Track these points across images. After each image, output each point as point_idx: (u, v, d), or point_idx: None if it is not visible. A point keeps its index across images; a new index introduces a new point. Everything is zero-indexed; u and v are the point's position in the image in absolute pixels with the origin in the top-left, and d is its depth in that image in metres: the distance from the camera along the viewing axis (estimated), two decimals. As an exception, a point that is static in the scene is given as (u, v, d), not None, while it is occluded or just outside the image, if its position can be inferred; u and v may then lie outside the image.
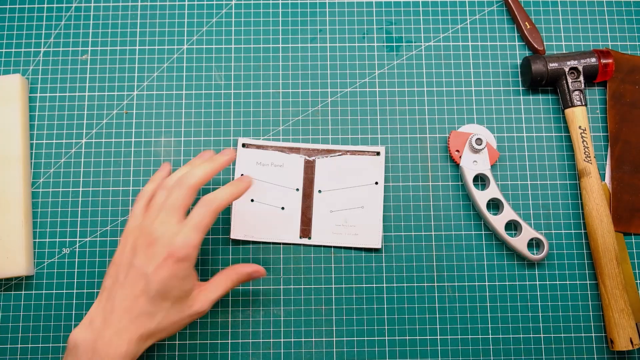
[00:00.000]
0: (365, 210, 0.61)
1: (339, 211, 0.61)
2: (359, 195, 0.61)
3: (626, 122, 0.63)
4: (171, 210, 0.50)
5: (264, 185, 0.62)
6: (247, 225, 0.61)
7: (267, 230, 0.61)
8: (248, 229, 0.61)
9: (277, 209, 0.61)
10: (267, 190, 0.62)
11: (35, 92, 0.65)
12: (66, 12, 0.67)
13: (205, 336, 0.59)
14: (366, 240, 0.61)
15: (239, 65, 0.66)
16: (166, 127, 0.64)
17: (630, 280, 0.60)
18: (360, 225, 0.61)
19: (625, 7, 0.67)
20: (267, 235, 0.61)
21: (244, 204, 0.61)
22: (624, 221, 0.61)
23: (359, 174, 0.62)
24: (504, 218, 0.60)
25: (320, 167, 0.62)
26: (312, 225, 0.61)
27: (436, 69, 0.65)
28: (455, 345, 0.59)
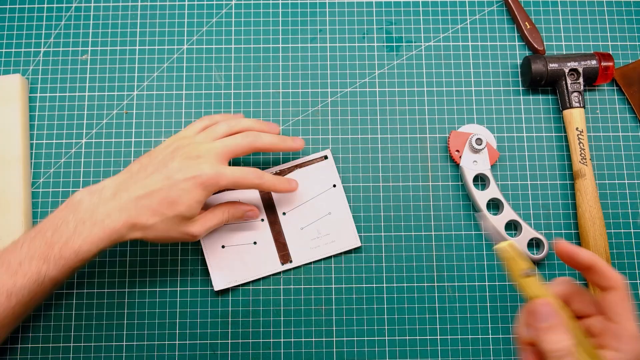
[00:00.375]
0: (333, 215, 0.61)
1: (309, 225, 0.61)
2: (322, 203, 0.61)
3: None
4: (222, 148, 0.54)
5: (229, 227, 0.60)
6: (226, 272, 0.60)
7: (248, 270, 0.60)
8: (229, 276, 0.60)
9: (250, 246, 0.60)
10: (233, 231, 0.60)
11: (35, 92, 0.65)
12: (66, 12, 0.67)
13: (205, 336, 0.59)
14: (344, 244, 0.60)
15: (239, 65, 0.66)
16: (166, 127, 0.64)
17: None
18: (334, 232, 0.60)
19: (626, 7, 0.67)
20: (248, 274, 0.60)
21: (217, 252, 0.60)
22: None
23: (315, 182, 0.61)
24: (504, 218, 0.60)
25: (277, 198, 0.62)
26: (289, 249, 0.60)
27: (436, 69, 0.65)
28: (455, 345, 0.59)
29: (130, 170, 0.54)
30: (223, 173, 0.53)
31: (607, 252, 0.59)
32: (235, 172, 0.54)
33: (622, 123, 0.64)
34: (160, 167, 0.53)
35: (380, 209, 0.62)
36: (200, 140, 0.55)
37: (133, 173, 0.53)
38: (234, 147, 0.55)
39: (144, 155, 0.56)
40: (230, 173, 0.53)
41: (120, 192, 0.52)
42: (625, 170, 0.63)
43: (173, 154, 0.54)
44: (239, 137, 0.55)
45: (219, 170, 0.53)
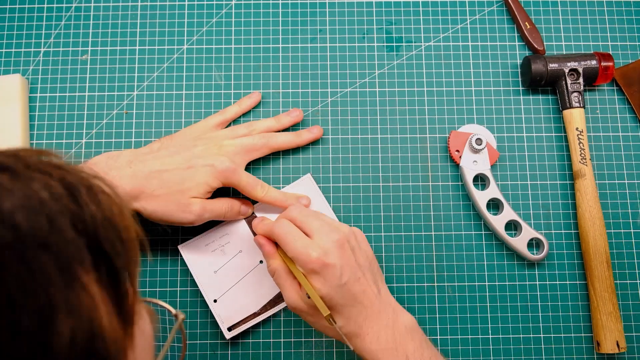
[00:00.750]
0: None
1: None
2: None
3: None
4: (241, 147, 0.58)
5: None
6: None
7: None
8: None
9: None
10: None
11: (35, 92, 0.65)
12: (66, 12, 0.67)
13: (205, 336, 0.59)
14: None
15: (239, 65, 0.66)
16: (166, 127, 0.64)
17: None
18: None
19: (626, 7, 0.67)
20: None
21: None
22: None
23: None
24: (504, 218, 0.60)
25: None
26: None
27: (436, 69, 0.65)
28: (455, 345, 0.59)
29: (151, 147, 0.57)
30: (238, 172, 0.56)
31: (607, 252, 0.59)
32: (248, 178, 0.57)
33: (622, 123, 0.64)
34: (181, 150, 0.56)
35: (380, 209, 0.62)
36: (221, 136, 0.59)
37: (153, 150, 0.57)
38: (250, 147, 0.58)
39: (166, 137, 0.59)
40: (244, 175, 0.57)
41: (136, 162, 0.54)
42: (625, 170, 0.63)
43: (195, 141, 0.57)
44: (256, 138, 0.59)
45: (235, 168, 0.56)
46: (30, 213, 0.23)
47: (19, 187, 0.23)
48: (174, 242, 0.61)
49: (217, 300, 0.58)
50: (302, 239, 0.49)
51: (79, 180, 0.26)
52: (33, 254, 0.22)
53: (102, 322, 0.24)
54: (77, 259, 0.23)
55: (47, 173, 0.25)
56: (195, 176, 0.54)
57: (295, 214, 0.52)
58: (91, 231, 0.25)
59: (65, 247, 0.23)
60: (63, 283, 0.22)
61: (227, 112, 0.62)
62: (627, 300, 0.60)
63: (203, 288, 0.58)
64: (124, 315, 0.26)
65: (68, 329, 0.22)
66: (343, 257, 0.49)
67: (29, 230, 0.22)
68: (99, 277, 0.24)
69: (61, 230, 0.23)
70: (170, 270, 0.61)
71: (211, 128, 0.60)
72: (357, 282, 0.49)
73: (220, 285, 0.58)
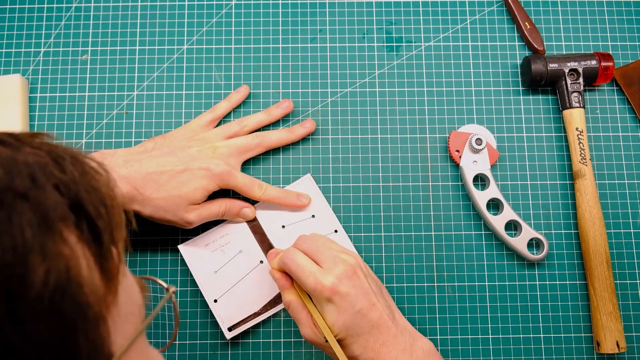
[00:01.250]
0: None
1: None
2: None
3: None
4: (235, 148, 0.58)
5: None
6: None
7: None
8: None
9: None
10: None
11: (35, 92, 0.65)
12: (66, 12, 0.67)
13: (205, 336, 0.59)
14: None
15: (239, 65, 0.66)
16: (166, 127, 0.64)
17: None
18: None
19: (626, 7, 0.67)
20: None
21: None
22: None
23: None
24: (504, 218, 0.60)
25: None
26: None
27: (436, 69, 0.65)
28: (455, 345, 0.59)
29: (145, 146, 0.57)
30: (234, 174, 0.57)
31: (607, 252, 0.59)
32: (244, 179, 0.58)
33: (622, 123, 0.64)
34: (176, 150, 0.56)
35: (380, 209, 0.62)
36: (213, 136, 0.59)
37: (147, 149, 0.57)
38: (245, 147, 0.59)
39: (159, 136, 0.59)
40: (240, 177, 0.57)
41: (132, 162, 0.54)
42: (625, 170, 0.63)
43: (189, 142, 0.57)
44: (249, 138, 0.59)
45: (230, 170, 0.56)
46: (13, 170, 0.25)
47: (6, 153, 0.26)
48: (174, 242, 0.61)
49: (218, 300, 0.58)
50: (314, 270, 0.49)
51: (66, 153, 0.29)
52: (12, 201, 0.24)
53: (81, 271, 0.26)
54: (57, 214, 0.26)
55: (37, 147, 0.28)
56: (191, 180, 0.55)
57: (306, 246, 0.51)
58: (73, 194, 0.27)
59: (44, 201, 0.25)
60: (39, 229, 0.25)
61: (217, 109, 0.62)
62: (627, 300, 0.60)
63: (203, 288, 0.58)
64: (106, 272, 0.28)
65: (42, 269, 0.24)
66: (356, 285, 0.48)
67: (8, 183, 0.25)
68: (80, 234, 0.27)
69: (42, 188, 0.26)
70: (170, 270, 0.61)
71: (203, 127, 0.60)
72: (372, 308, 0.48)
73: (221, 285, 0.58)
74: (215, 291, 0.58)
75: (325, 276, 0.48)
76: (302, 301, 0.51)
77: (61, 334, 0.25)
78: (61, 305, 0.25)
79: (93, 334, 0.26)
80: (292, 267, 0.50)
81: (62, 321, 0.25)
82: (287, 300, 0.52)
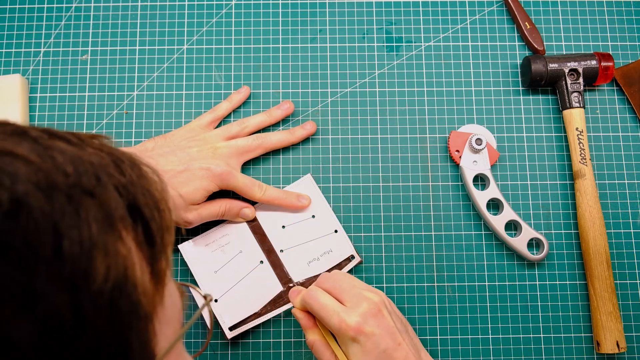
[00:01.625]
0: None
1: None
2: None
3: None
4: (236, 149, 0.59)
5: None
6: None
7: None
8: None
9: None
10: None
11: (35, 92, 0.65)
12: (66, 12, 0.67)
13: (206, 336, 0.59)
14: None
15: (239, 65, 0.66)
16: (166, 127, 0.64)
17: None
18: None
19: (626, 7, 0.67)
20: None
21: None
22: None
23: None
24: (504, 218, 0.60)
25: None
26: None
27: (436, 69, 0.65)
28: (455, 345, 0.59)
29: (145, 146, 0.57)
30: (234, 175, 0.57)
31: (607, 252, 0.59)
32: (244, 180, 0.58)
33: (622, 123, 0.64)
34: (177, 150, 0.56)
35: (380, 209, 0.62)
36: (214, 137, 0.59)
37: (147, 149, 0.57)
38: (245, 148, 0.59)
39: (159, 136, 0.59)
40: (240, 178, 0.57)
41: None
42: (625, 170, 0.63)
43: (189, 142, 0.57)
44: (250, 139, 0.60)
45: (231, 171, 0.57)
46: (80, 167, 0.26)
47: (72, 150, 0.27)
48: (174, 242, 0.61)
49: (218, 300, 0.58)
50: (338, 309, 0.48)
51: (124, 155, 0.30)
52: (80, 197, 0.25)
53: (135, 272, 0.27)
54: (118, 214, 0.27)
55: (97, 148, 0.29)
56: (191, 181, 0.55)
57: (328, 285, 0.50)
58: (131, 196, 0.28)
59: (108, 200, 0.26)
60: (103, 227, 0.25)
61: (218, 109, 0.62)
62: (627, 300, 0.60)
63: (203, 288, 0.58)
64: (156, 274, 0.29)
65: (104, 265, 0.25)
66: (381, 324, 0.47)
67: (78, 178, 0.26)
68: (135, 236, 0.28)
69: (105, 187, 0.27)
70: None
71: (204, 127, 0.60)
72: (397, 348, 0.47)
73: (221, 285, 0.58)
74: (216, 291, 0.58)
75: (349, 315, 0.47)
76: (325, 341, 0.50)
77: (117, 329, 0.26)
78: (119, 301, 0.25)
79: (143, 333, 0.27)
80: (315, 307, 0.49)
81: (119, 317, 0.26)
82: (310, 340, 0.51)
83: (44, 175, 0.24)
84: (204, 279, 0.59)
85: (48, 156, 0.25)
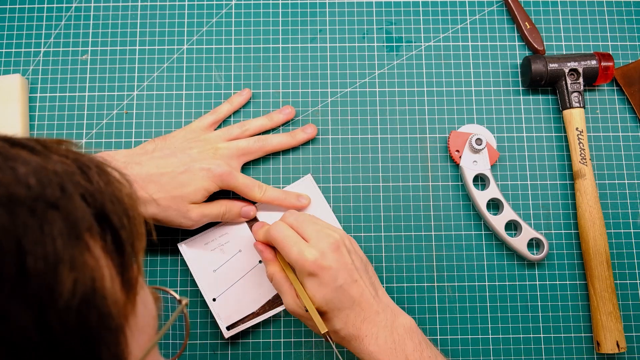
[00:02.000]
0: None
1: None
2: None
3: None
4: (237, 150, 0.59)
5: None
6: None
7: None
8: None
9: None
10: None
11: (35, 92, 0.65)
12: (66, 12, 0.67)
13: (205, 336, 0.59)
14: None
15: (239, 65, 0.66)
16: (166, 127, 0.64)
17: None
18: None
19: (626, 7, 0.67)
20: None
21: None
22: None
23: None
24: (504, 218, 0.60)
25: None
26: None
27: (436, 69, 0.65)
28: (455, 345, 0.59)
29: (145, 148, 0.57)
30: (234, 175, 0.57)
31: (607, 252, 0.59)
32: (245, 180, 0.58)
33: (622, 123, 0.64)
34: (177, 152, 0.56)
35: (380, 209, 0.62)
36: (215, 138, 0.59)
37: (148, 151, 0.57)
38: (246, 150, 0.59)
39: (159, 137, 0.59)
40: (240, 178, 0.58)
41: (131, 165, 0.54)
42: (625, 170, 0.63)
43: (190, 143, 0.58)
44: (251, 141, 0.60)
45: (231, 171, 0.57)
46: (43, 178, 0.25)
47: (35, 160, 0.26)
48: (173, 242, 0.61)
49: (216, 299, 0.58)
50: (299, 243, 0.50)
51: (91, 162, 0.29)
52: (43, 210, 0.24)
53: (105, 283, 0.26)
54: (84, 224, 0.26)
55: (64, 155, 0.28)
56: (192, 181, 0.55)
57: (291, 219, 0.52)
58: (99, 204, 0.27)
59: (73, 211, 0.25)
60: (69, 240, 0.25)
61: (219, 111, 0.62)
62: (627, 300, 0.60)
63: (202, 286, 0.58)
64: (127, 283, 0.28)
65: (70, 280, 0.24)
66: (339, 260, 0.49)
67: (41, 190, 0.25)
68: (104, 245, 0.27)
69: (71, 197, 0.26)
70: (170, 270, 0.61)
71: (204, 129, 0.61)
72: (354, 284, 0.49)
73: (220, 284, 0.58)
74: (214, 290, 0.58)
75: (309, 250, 0.49)
76: (284, 274, 0.52)
77: (87, 344, 0.25)
78: (87, 315, 0.25)
79: (114, 345, 0.27)
80: (278, 239, 0.51)
81: (88, 332, 0.25)
82: (270, 272, 0.53)
83: (5, 188, 0.24)
84: (203, 277, 0.59)
85: (9, 168, 0.25)
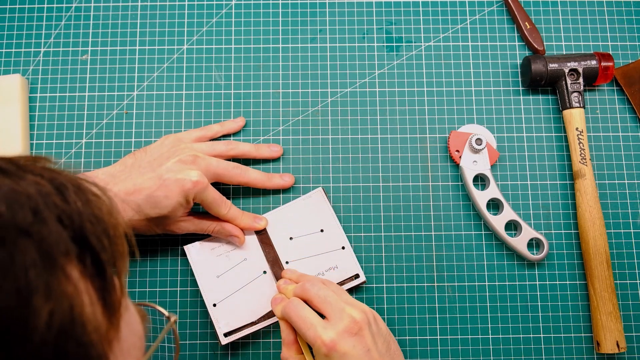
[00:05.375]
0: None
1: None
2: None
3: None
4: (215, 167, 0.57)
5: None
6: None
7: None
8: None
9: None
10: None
11: (35, 92, 0.65)
12: (66, 12, 0.67)
13: (205, 336, 0.59)
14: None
15: (239, 65, 0.66)
16: (166, 127, 0.64)
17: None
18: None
19: (626, 7, 0.67)
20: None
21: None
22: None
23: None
24: (504, 218, 0.60)
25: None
26: None
27: (436, 69, 0.65)
28: (455, 345, 0.59)
29: (124, 163, 0.56)
30: (206, 188, 0.55)
31: (607, 252, 0.59)
32: (215, 194, 0.56)
33: (622, 123, 0.64)
34: (154, 165, 0.55)
35: (381, 209, 0.62)
36: (197, 150, 0.57)
37: (127, 166, 0.56)
38: (222, 172, 0.57)
39: (140, 150, 0.58)
40: (212, 192, 0.55)
41: (110, 185, 0.53)
42: (625, 170, 0.63)
43: (168, 154, 0.56)
44: (230, 165, 0.58)
45: (207, 183, 0.54)
46: (14, 204, 0.24)
47: (7, 184, 0.25)
48: (174, 242, 0.61)
49: (217, 304, 0.58)
50: (316, 323, 0.47)
51: (69, 181, 0.27)
52: (14, 238, 0.23)
53: (84, 309, 0.25)
54: (60, 249, 0.24)
55: (39, 174, 0.26)
56: (167, 197, 0.53)
57: (312, 294, 0.50)
58: (77, 225, 0.26)
59: (47, 237, 0.24)
60: (43, 268, 0.23)
61: (209, 129, 0.61)
62: (627, 300, 0.60)
63: (204, 291, 0.58)
64: (109, 307, 0.27)
65: (46, 311, 0.23)
66: (356, 346, 0.46)
67: (11, 219, 0.23)
68: (83, 268, 0.26)
69: (44, 221, 0.24)
70: (171, 270, 0.61)
71: (190, 140, 0.59)
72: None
73: (222, 290, 0.58)
74: (216, 295, 0.58)
75: (326, 331, 0.46)
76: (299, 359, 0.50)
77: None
78: (65, 347, 0.23)
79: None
80: (294, 318, 0.49)
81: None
82: (283, 357, 0.51)
83: None
84: (206, 282, 0.58)
85: None
